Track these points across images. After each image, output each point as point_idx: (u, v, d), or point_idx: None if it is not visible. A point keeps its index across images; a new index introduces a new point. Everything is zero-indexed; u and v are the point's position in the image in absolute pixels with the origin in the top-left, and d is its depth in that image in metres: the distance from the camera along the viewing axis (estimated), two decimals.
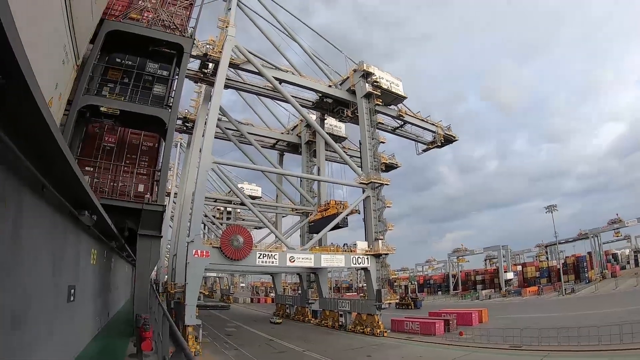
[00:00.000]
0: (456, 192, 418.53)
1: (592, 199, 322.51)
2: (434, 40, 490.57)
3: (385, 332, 46.02)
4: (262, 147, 62.72)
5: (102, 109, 16.74)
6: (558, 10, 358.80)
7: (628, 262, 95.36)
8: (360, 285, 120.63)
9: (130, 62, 18.05)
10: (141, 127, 18.80)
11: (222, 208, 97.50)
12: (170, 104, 18.06)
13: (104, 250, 14.92)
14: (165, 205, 18.17)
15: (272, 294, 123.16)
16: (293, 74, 51.76)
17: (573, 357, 30.38)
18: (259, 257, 42.63)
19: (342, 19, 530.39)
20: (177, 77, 19.09)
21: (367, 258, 47.87)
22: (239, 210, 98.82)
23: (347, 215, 51.96)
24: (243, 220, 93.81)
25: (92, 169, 16.77)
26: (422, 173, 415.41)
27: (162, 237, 18.65)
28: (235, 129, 59.56)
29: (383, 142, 57.71)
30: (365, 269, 48.65)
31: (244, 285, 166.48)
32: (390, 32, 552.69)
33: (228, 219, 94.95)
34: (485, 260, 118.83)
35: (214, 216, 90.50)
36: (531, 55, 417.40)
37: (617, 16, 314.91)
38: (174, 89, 18.72)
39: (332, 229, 52.43)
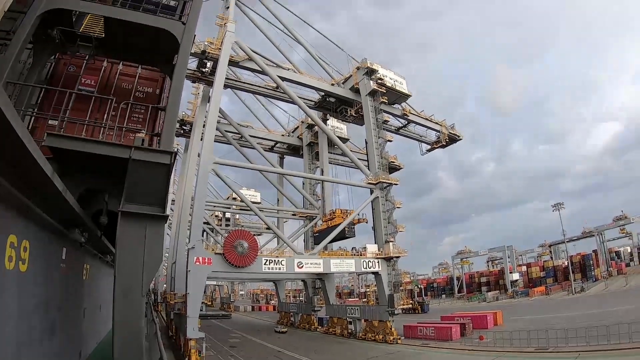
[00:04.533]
0: (455, 196, 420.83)
1: (590, 198, 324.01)
2: (431, 48, 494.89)
3: (399, 339, 43.90)
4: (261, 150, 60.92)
5: (80, 29, 11.94)
6: (552, 12, 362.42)
7: (631, 259, 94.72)
8: (363, 290, 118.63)
9: None
10: (137, 57, 13.45)
11: (220, 214, 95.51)
12: (184, 22, 12.16)
13: (60, 246, 9.83)
14: (176, 153, 11.43)
15: (272, 302, 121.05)
16: (294, 72, 49.89)
17: (607, 356, 28.48)
18: (264, 264, 40.26)
19: (340, 30, 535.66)
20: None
21: (378, 262, 45.77)
22: (237, 217, 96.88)
23: (353, 223, 50.15)
24: (242, 226, 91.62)
25: (57, 122, 11.02)
26: (421, 177, 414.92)
27: (167, 217, 11.06)
28: (234, 131, 57.68)
29: (390, 141, 55.84)
30: (376, 274, 46.53)
31: (243, 293, 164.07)
32: (388, 42, 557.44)
33: (227, 225, 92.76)
34: (488, 261, 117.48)
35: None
36: (527, 58, 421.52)
37: (610, 14, 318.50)
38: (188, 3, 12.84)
39: (339, 240, 50.82)
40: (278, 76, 46.51)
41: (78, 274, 12.07)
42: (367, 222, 51.28)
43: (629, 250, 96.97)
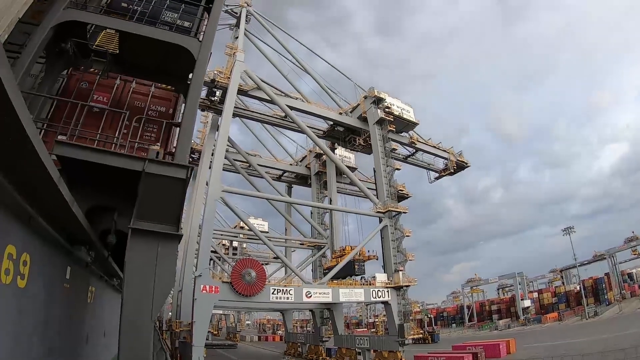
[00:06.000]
0: (463, 224, 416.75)
1: (599, 221, 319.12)
2: (436, 78, 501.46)
3: None
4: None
5: (94, 44, 11.74)
6: (554, 38, 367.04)
7: None
8: (371, 320, 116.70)
9: (137, 8, 12.02)
10: (152, 75, 13.06)
11: (227, 243, 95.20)
12: (200, 40, 11.70)
13: (65, 264, 9.28)
14: (192, 169, 10.33)
15: (279, 332, 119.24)
16: (303, 101, 50.43)
17: None
18: (272, 293, 39.76)
19: (347, 61, 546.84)
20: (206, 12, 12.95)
21: (387, 291, 45.16)
22: (245, 245, 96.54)
23: (363, 260, 49.45)
24: (250, 255, 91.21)
25: (66, 137, 10.05)
26: (429, 206, 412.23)
27: (181, 236, 10.16)
28: (242, 160, 57.90)
29: (398, 169, 55.78)
30: (385, 303, 45.89)
31: (249, 322, 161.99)
32: (394, 73, 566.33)
33: (234, 254, 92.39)
34: (499, 289, 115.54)
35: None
36: (530, 84, 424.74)
37: (611, 38, 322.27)
38: (203, 22, 12.50)
39: (348, 276, 49.94)
40: (287, 105, 46.97)
41: (82, 295, 11.24)
42: (377, 259, 50.59)
43: None
